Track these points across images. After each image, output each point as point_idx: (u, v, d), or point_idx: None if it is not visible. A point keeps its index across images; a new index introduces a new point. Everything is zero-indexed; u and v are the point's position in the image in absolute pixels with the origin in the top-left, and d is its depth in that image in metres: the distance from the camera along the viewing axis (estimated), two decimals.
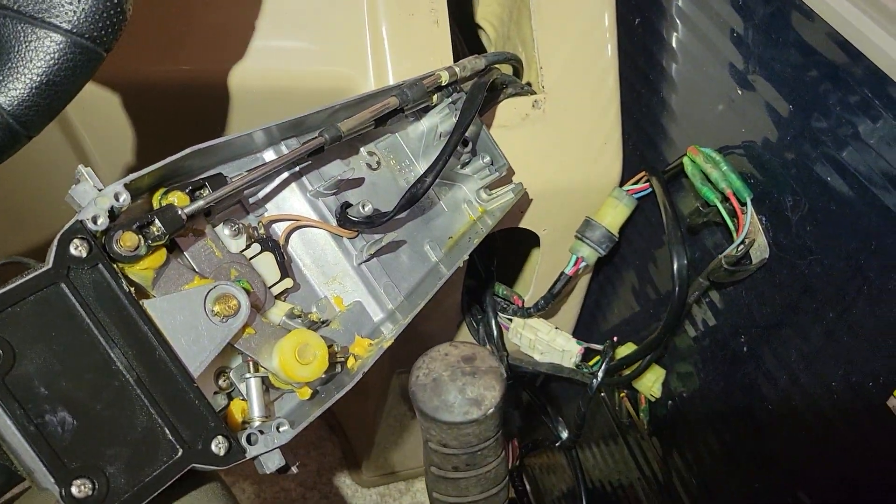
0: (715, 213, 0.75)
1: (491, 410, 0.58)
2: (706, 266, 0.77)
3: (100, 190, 0.49)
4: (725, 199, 0.73)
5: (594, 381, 0.90)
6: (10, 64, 0.44)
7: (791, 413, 0.72)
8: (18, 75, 0.44)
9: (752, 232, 0.72)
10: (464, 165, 0.77)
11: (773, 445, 0.76)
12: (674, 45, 0.83)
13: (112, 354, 0.48)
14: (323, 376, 0.58)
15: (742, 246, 0.72)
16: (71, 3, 0.44)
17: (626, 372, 0.91)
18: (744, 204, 0.72)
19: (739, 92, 0.73)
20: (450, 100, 0.74)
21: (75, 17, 0.44)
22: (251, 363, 0.57)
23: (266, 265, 0.61)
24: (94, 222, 0.48)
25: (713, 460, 0.85)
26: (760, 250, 0.72)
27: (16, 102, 0.44)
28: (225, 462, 0.51)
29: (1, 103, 0.44)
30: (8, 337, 0.44)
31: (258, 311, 0.58)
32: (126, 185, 0.50)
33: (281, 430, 0.55)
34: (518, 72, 0.90)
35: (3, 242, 0.83)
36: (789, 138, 0.68)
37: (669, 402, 0.92)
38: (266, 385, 0.59)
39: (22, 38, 0.44)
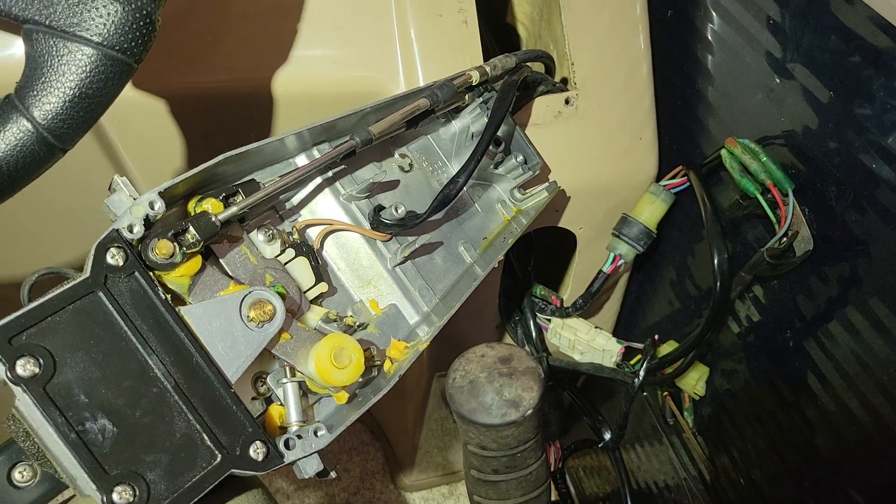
0: (755, 206, 0.73)
1: (529, 412, 0.58)
2: (748, 260, 0.75)
3: (135, 199, 0.49)
4: (766, 191, 0.72)
5: (636, 380, 0.88)
6: (43, 78, 0.45)
7: (841, 409, 0.70)
8: (52, 89, 0.45)
9: (794, 223, 0.70)
10: (497, 165, 0.76)
11: (823, 443, 0.73)
12: (708, 35, 0.81)
13: (150, 361, 0.48)
14: (359, 380, 0.58)
15: (785, 238, 0.70)
16: (101, 16, 0.45)
17: (669, 370, 0.90)
18: (785, 195, 0.70)
19: (777, 80, 0.72)
20: (481, 99, 0.74)
21: (105, 30, 0.45)
22: (288, 368, 0.57)
23: (301, 270, 0.61)
24: (130, 231, 0.49)
25: (761, 459, 0.83)
26: (804, 242, 0.70)
27: (50, 116, 0.45)
28: (263, 467, 0.51)
29: (36, 117, 0.45)
30: (48, 346, 0.45)
31: (294, 316, 0.59)
32: (160, 194, 0.50)
33: (318, 434, 0.55)
34: (550, 69, 0.89)
35: (43, 253, 0.84)
36: (831, 126, 0.66)
37: (714, 400, 0.90)
38: (303, 390, 0.59)
39: (54, 53, 0.45)
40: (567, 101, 0.84)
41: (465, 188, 0.67)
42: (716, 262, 0.75)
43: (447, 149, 0.75)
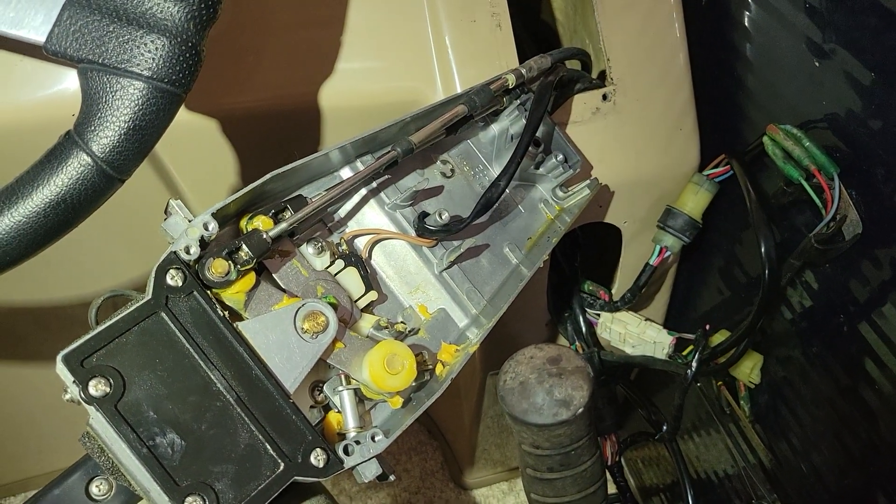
0: (801, 192, 0.72)
1: (580, 410, 0.58)
2: (796, 246, 0.75)
3: (189, 221, 0.52)
4: (811, 176, 0.71)
5: (689, 371, 0.88)
6: (99, 114, 0.47)
7: None
8: (108, 123, 0.47)
9: (842, 207, 0.70)
10: (537, 165, 0.77)
11: (886, 427, 0.72)
12: (745, 22, 0.81)
13: (212, 376, 0.50)
14: (413, 385, 0.59)
15: (832, 223, 0.70)
16: (149, 51, 0.47)
17: (722, 360, 0.89)
18: (831, 179, 0.70)
19: (817, 64, 0.71)
20: (518, 101, 0.75)
21: (154, 64, 0.47)
22: (343, 376, 0.59)
23: (351, 280, 0.63)
24: (187, 252, 0.51)
25: (822, 446, 0.82)
26: (853, 226, 0.69)
27: (107, 149, 0.47)
28: (324, 473, 0.53)
29: (94, 151, 0.47)
30: (117, 366, 0.48)
31: (346, 326, 0.60)
32: (213, 215, 0.52)
33: (376, 439, 0.56)
34: (587, 65, 0.89)
35: (109, 275, 0.88)
36: (874, 107, 0.65)
37: (770, 388, 0.89)
38: (359, 396, 0.60)
39: (108, 89, 0.47)
40: (605, 97, 0.84)
41: (507, 190, 0.68)
42: (763, 249, 0.75)
43: (487, 152, 0.76)
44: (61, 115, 0.65)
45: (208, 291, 0.52)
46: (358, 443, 0.56)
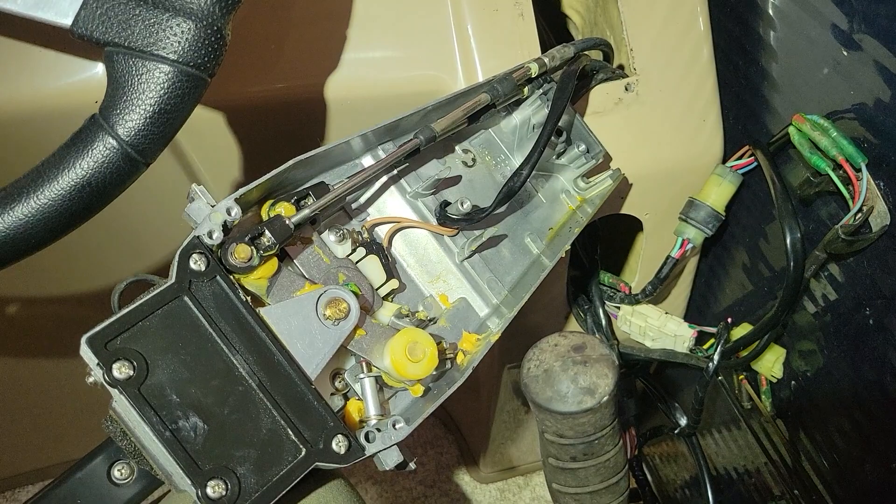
0: (827, 182, 0.72)
1: (605, 398, 0.58)
2: (822, 238, 0.74)
3: (213, 206, 0.52)
4: (838, 167, 0.70)
5: (710, 364, 0.87)
6: (125, 97, 0.47)
7: None
8: (134, 107, 0.47)
9: (869, 198, 0.68)
10: (559, 155, 0.77)
11: None
12: (769, 10, 0.80)
13: (235, 361, 0.50)
14: (434, 373, 0.59)
15: (860, 214, 0.69)
16: (175, 35, 0.47)
17: (744, 354, 0.88)
18: (858, 170, 0.69)
19: (845, 53, 0.70)
20: (541, 91, 0.74)
21: (180, 48, 0.47)
22: (364, 363, 0.59)
23: (372, 268, 0.63)
24: (210, 237, 0.51)
25: (845, 440, 0.81)
26: (881, 217, 0.68)
27: (133, 133, 0.48)
28: (346, 460, 0.53)
29: (120, 134, 0.47)
30: (141, 349, 0.48)
31: (367, 313, 0.60)
32: (236, 200, 0.52)
33: (397, 427, 0.56)
34: (608, 56, 0.88)
35: (130, 261, 0.88)
36: None
37: (793, 382, 0.88)
38: (380, 384, 0.60)
39: (134, 72, 0.47)
40: (627, 88, 0.83)
41: (528, 180, 0.68)
42: (788, 241, 0.74)
43: (509, 142, 0.75)
44: (85, 101, 0.65)
45: (231, 276, 0.52)
46: (379, 430, 0.56)
